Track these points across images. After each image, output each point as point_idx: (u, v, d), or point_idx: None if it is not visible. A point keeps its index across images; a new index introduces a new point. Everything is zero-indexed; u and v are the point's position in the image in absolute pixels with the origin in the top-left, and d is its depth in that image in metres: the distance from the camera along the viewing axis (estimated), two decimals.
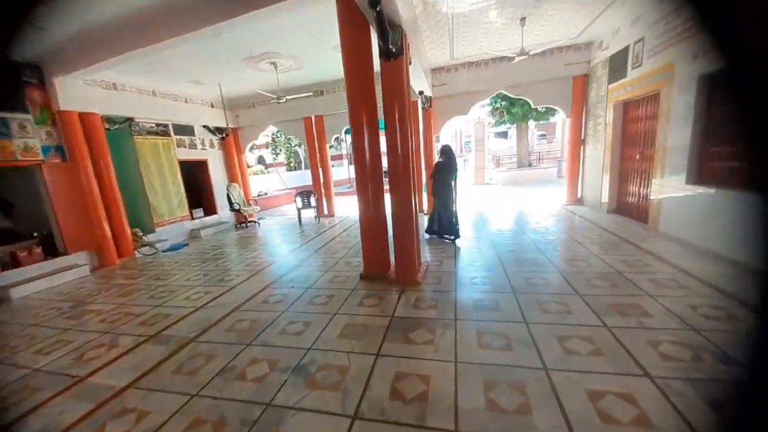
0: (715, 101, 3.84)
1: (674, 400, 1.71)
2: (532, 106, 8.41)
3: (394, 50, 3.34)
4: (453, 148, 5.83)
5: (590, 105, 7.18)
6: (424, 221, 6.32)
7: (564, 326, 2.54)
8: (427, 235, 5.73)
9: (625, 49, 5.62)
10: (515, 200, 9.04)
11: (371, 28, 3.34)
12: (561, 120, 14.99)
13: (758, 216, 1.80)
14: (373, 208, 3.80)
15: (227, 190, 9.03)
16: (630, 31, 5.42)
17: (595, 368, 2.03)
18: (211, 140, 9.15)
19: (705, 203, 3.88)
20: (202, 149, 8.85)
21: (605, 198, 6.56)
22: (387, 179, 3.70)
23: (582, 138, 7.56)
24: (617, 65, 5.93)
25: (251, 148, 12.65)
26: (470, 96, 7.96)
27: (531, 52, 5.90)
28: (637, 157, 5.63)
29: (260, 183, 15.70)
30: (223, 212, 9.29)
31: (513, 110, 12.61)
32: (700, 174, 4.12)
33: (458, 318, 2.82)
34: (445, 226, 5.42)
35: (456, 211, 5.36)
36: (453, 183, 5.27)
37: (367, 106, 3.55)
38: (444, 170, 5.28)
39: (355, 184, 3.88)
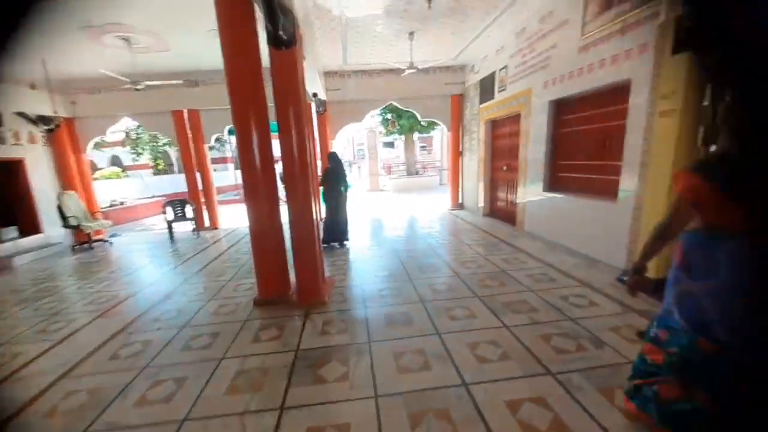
0: (561, 123, 4.74)
1: (577, 396, 1.87)
2: (419, 119, 9.06)
3: (285, 38, 2.93)
4: (344, 155, 5.90)
5: (466, 121, 8.14)
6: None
7: (472, 332, 2.61)
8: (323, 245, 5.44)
9: (492, 75, 6.53)
10: (408, 206, 9.55)
11: (256, 8, 2.86)
12: (439, 133, 16.85)
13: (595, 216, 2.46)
14: (267, 218, 3.26)
15: (58, 200, 6.72)
16: (495, 59, 6.32)
17: (507, 374, 2.09)
18: (30, 133, 6.68)
19: (556, 206, 4.74)
20: (15, 145, 6.37)
21: (481, 203, 7.49)
22: (283, 185, 3.24)
23: (460, 150, 8.50)
24: (486, 88, 6.86)
25: (97, 146, 9.70)
26: (365, 104, 8.02)
27: (419, 67, 6.26)
28: (505, 168, 6.59)
29: (115, 190, 12.49)
30: (53, 230, 6.88)
31: (401, 122, 13.46)
32: (551, 183, 5.02)
33: (372, 340, 2.60)
34: (335, 233, 5.39)
35: (346, 217, 5.40)
36: (342, 189, 5.29)
37: (255, 102, 3.02)
38: (333, 177, 5.28)
39: (243, 190, 3.27)
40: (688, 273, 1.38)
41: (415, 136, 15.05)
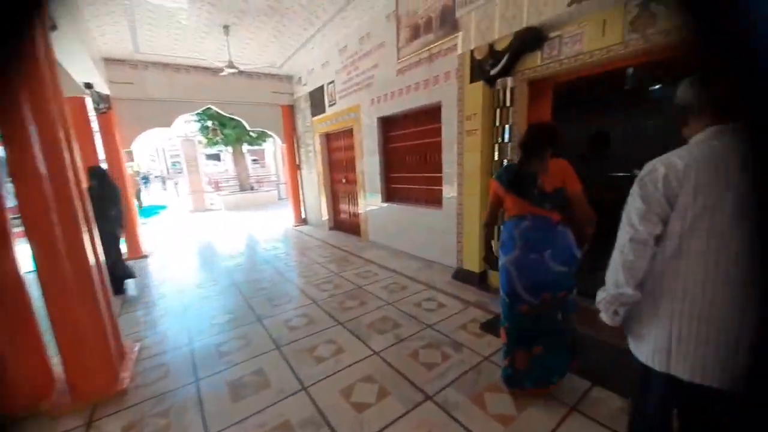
0: (390, 138, 5.11)
1: (456, 415, 1.82)
2: (247, 129, 8.09)
3: None
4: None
5: (300, 133, 7.83)
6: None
7: (343, 373, 2.27)
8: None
9: (321, 88, 6.49)
10: (245, 225, 8.35)
11: None
12: (271, 146, 15.87)
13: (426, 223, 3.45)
14: None
15: None
16: (322, 72, 6.30)
17: (391, 415, 1.86)
18: None
19: (394, 216, 5.08)
20: None
21: (325, 217, 7.35)
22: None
23: (297, 163, 8.12)
24: (317, 101, 6.76)
25: None
26: (172, 105, 6.41)
27: (240, 68, 5.48)
28: (344, 180, 6.67)
29: None
30: None
31: (225, 131, 11.79)
32: (388, 193, 5.37)
33: None
34: (114, 275, 3.74)
35: (120, 253, 3.95)
36: (116, 216, 3.76)
37: None
38: (98, 201, 3.64)
39: None
40: (503, 252, 1.85)
41: (245, 147, 13.55)
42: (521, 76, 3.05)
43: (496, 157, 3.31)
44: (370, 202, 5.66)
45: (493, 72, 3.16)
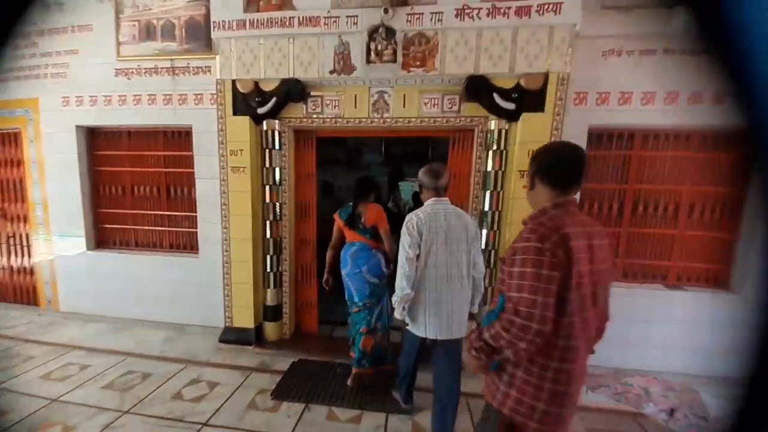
0: (104, 159, 3.60)
1: None
2: None
3: None
4: None
5: None
6: None
7: None
8: None
9: None
10: None
11: None
12: None
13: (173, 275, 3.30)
14: None
15: None
16: None
17: None
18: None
19: (116, 269, 3.56)
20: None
21: None
22: None
23: None
24: None
25: None
26: None
27: None
28: None
29: None
30: None
31: None
32: (101, 237, 3.73)
33: None
34: None
35: None
36: None
37: None
38: None
39: None
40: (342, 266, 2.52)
41: None
42: (288, 122, 3.09)
43: (267, 199, 3.12)
44: (62, 250, 3.68)
45: (260, 111, 2.99)
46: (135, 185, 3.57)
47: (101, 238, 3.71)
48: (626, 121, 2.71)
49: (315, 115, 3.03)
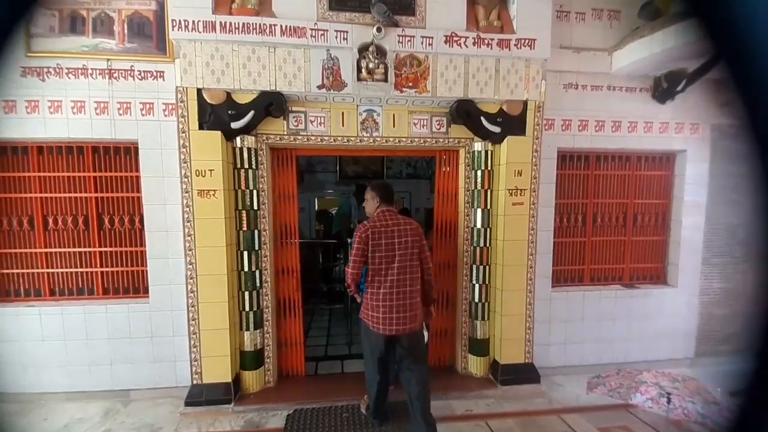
0: (3, 182, 2.70)
1: None
2: None
3: None
4: None
5: None
6: None
7: None
8: None
9: None
10: None
11: None
12: None
13: (112, 327, 2.67)
14: None
15: None
16: None
17: None
18: None
19: (18, 327, 2.65)
20: None
21: None
22: None
23: None
24: None
25: None
26: None
27: None
28: None
29: None
30: None
31: None
32: None
33: None
34: None
35: None
36: None
37: None
38: None
39: None
40: None
41: None
42: (266, 139, 2.77)
43: (244, 226, 2.70)
44: None
45: (235, 125, 2.61)
46: (49, 215, 2.74)
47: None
48: (584, 145, 3.13)
49: (299, 132, 2.77)
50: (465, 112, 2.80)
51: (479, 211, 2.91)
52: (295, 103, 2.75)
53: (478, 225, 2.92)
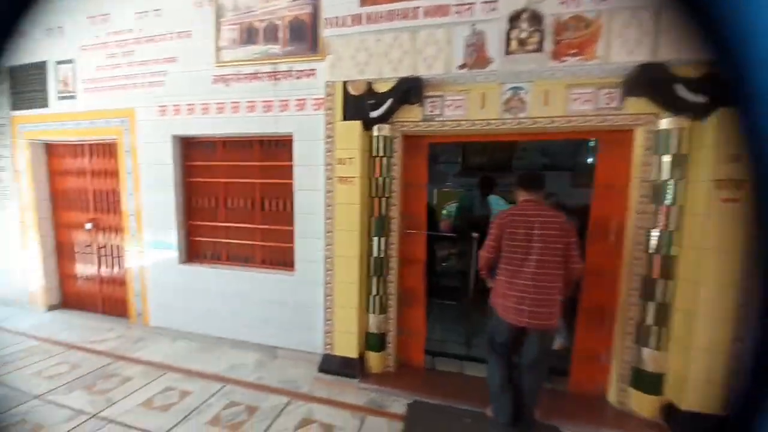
0: (198, 170, 3.47)
1: None
2: None
3: None
4: None
5: None
6: None
7: None
8: None
9: (42, 66, 3.77)
10: None
11: None
12: None
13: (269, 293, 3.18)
14: None
15: None
16: (48, 40, 3.69)
17: None
18: None
19: (206, 285, 3.36)
20: None
21: (38, 287, 4.13)
22: None
23: None
24: (27, 84, 3.86)
25: None
26: None
27: None
28: (90, 225, 4.01)
29: None
30: None
31: None
32: (193, 251, 3.57)
33: None
34: None
35: None
36: None
37: None
38: None
39: None
40: None
41: None
42: (399, 126, 2.73)
43: (376, 213, 2.76)
44: (153, 263, 3.58)
45: (374, 114, 2.66)
46: (228, 197, 3.38)
47: (192, 251, 3.56)
48: None
49: (433, 118, 2.65)
50: (648, 81, 2.17)
51: (665, 208, 2.24)
52: (432, 88, 2.62)
53: (662, 226, 2.25)
